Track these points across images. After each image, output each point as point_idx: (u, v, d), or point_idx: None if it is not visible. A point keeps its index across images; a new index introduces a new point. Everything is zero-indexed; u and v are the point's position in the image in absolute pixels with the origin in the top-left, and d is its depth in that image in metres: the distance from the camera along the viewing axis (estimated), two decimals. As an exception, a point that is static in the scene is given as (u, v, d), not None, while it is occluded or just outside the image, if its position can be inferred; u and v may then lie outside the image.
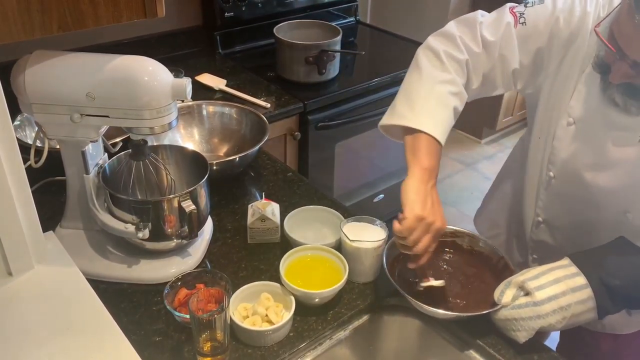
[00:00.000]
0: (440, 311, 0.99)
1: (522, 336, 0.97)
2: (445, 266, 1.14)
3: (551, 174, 1.13)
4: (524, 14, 1.08)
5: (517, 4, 1.12)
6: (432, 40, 1.13)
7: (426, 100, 1.06)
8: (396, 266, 1.10)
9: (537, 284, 0.95)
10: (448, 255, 1.16)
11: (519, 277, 0.98)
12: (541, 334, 1.60)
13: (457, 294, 1.08)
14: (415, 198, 0.97)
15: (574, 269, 0.96)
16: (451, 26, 1.14)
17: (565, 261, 0.99)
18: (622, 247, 1.00)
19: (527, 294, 0.97)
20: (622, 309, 0.97)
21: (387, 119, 1.11)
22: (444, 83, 1.08)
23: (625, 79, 0.92)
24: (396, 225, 0.97)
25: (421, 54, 1.13)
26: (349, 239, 1.09)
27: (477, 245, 1.15)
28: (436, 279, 1.07)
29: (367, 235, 1.10)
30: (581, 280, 0.95)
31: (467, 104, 1.14)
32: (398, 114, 1.08)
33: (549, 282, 0.95)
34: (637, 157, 0.99)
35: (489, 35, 1.10)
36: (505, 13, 1.11)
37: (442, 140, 1.05)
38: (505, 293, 0.98)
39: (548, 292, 0.94)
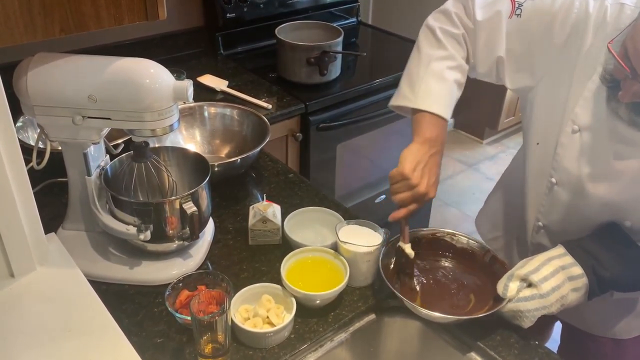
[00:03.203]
0: (437, 314, 0.99)
1: (525, 323, 1.00)
2: (432, 268, 1.14)
3: (553, 180, 1.12)
4: (522, 5, 1.07)
5: None
6: (430, 18, 1.18)
7: (424, 80, 1.11)
8: (395, 270, 1.11)
9: (540, 276, 0.98)
10: (434, 257, 1.16)
11: (521, 270, 1.00)
12: (543, 335, 1.61)
13: (454, 294, 1.08)
14: (407, 158, 1.04)
15: (569, 258, 1.00)
16: (449, 3, 1.17)
17: (561, 250, 1.02)
18: (613, 236, 1.04)
19: (529, 285, 0.99)
20: (608, 291, 1.02)
21: (393, 100, 1.17)
22: (440, 60, 1.12)
23: (636, 98, 0.90)
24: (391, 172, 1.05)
25: (420, 34, 1.18)
26: (341, 242, 1.09)
27: (460, 242, 1.15)
28: (429, 284, 1.09)
29: (363, 240, 1.09)
30: (577, 270, 0.99)
31: (466, 104, 1.14)
32: (402, 95, 1.14)
33: (550, 274, 0.99)
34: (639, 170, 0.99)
35: (479, 14, 1.11)
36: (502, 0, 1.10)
37: (445, 114, 1.09)
38: (509, 287, 1.00)
39: (552, 283, 0.98)
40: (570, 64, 1.04)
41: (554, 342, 1.55)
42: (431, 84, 1.10)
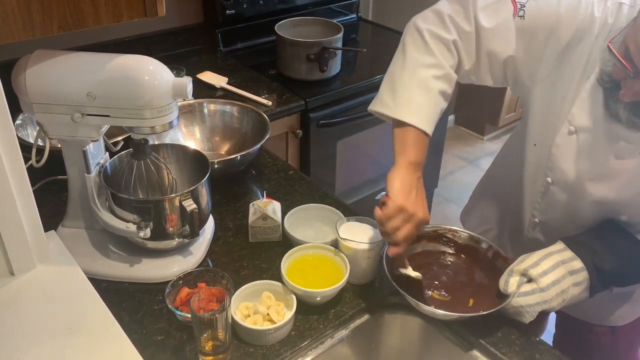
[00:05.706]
0: (441, 312, 0.99)
1: (526, 319, 1.00)
2: (435, 265, 1.13)
3: (549, 179, 1.12)
4: (524, 6, 1.00)
5: None
6: (419, 19, 1.07)
7: (408, 88, 1.03)
8: (396, 266, 1.10)
9: (539, 271, 0.99)
10: (437, 255, 1.15)
11: (520, 265, 1.00)
12: (539, 327, 1.61)
13: (457, 291, 1.08)
14: (400, 188, 0.98)
15: (569, 253, 1.00)
16: (443, 3, 1.07)
17: (560, 245, 1.02)
18: (611, 231, 1.05)
19: (529, 280, 0.99)
20: (609, 287, 1.02)
21: (372, 104, 1.09)
22: (427, 67, 1.03)
23: (637, 97, 0.89)
24: (377, 211, 0.99)
25: (407, 34, 1.07)
26: (341, 239, 1.09)
27: (462, 239, 1.15)
28: (432, 281, 1.09)
29: (364, 237, 1.09)
30: (578, 264, 0.99)
31: (468, 101, 1.14)
32: (383, 102, 1.07)
33: (550, 268, 0.99)
34: (637, 168, 0.99)
35: (484, 20, 1.02)
36: (506, 0, 1.02)
37: (429, 130, 1.03)
38: (510, 282, 1.00)
39: (551, 278, 0.98)
40: (570, 66, 1.01)
41: (549, 333, 1.55)
42: (415, 93, 1.02)
